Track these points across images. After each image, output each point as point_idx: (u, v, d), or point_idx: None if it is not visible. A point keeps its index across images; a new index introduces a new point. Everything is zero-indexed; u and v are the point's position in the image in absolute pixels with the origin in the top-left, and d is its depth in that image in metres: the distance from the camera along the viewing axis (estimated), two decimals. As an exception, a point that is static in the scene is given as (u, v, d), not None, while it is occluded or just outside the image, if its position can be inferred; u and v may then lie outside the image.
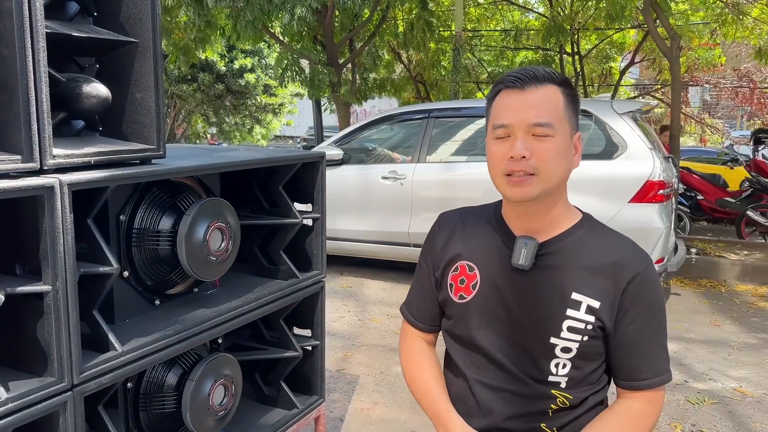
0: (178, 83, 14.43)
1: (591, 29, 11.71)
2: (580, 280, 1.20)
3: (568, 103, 1.19)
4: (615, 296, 1.19)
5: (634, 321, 1.19)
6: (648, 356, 1.20)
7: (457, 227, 1.38)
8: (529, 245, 1.22)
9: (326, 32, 8.12)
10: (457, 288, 1.33)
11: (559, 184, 1.20)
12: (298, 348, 2.34)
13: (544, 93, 1.17)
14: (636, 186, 4.42)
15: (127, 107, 1.72)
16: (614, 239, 1.25)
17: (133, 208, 1.84)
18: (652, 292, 1.21)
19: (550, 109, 1.16)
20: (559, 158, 1.18)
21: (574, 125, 1.22)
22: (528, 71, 1.18)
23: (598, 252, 1.22)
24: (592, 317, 1.19)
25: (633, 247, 1.24)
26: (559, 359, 1.23)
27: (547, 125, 1.16)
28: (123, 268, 1.84)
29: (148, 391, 1.94)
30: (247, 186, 2.33)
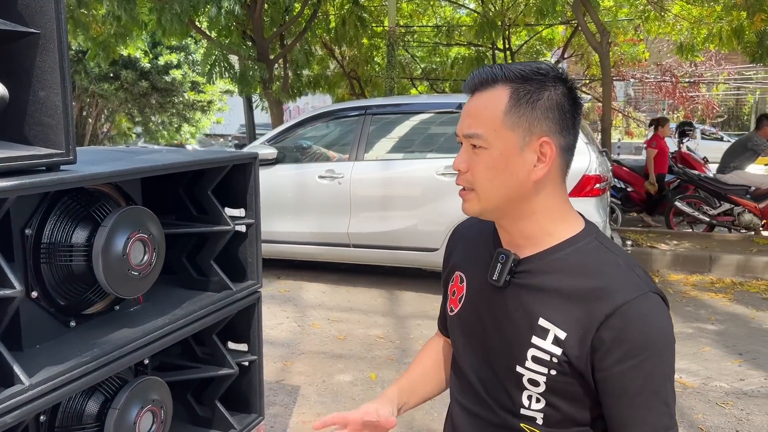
0: (99, 81, 13.76)
1: (522, 25, 11.86)
2: (551, 304, 1.03)
3: (514, 105, 1.01)
4: (587, 330, 0.99)
5: (620, 363, 0.97)
6: (639, 408, 0.98)
7: (463, 236, 1.28)
8: (504, 260, 1.08)
9: (256, 27, 7.87)
10: (450, 299, 1.23)
11: (505, 199, 1.04)
12: (233, 365, 2.17)
13: (487, 97, 1.03)
14: (573, 180, 4.44)
15: (30, 107, 1.52)
16: (607, 260, 1.04)
17: (41, 220, 1.64)
18: (642, 328, 0.97)
19: (485, 118, 1.02)
20: (492, 173, 1.02)
21: (531, 129, 1.01)
22: (481, 71, 1.05)
23: (580, 274, 1.03)
24: (559, 349, 1.01)
25: (627, 272, 1.02)
26: (529, 392, 1.07)
27: (476, 136, 1.02)
28: (30, 288, 1.63)
29: (65, 423, 1.74)
30: (172, 191, 2.14)
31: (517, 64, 1.04)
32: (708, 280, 5.57)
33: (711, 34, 9.32)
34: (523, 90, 1.01)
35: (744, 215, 7.02)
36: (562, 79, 1.03)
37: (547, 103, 1.01)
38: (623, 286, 0.99)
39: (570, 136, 1.04)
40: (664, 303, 1.02)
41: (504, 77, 1.02)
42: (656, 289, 1.02)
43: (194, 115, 16.42)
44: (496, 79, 1.02)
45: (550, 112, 1.01)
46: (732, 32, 8.26)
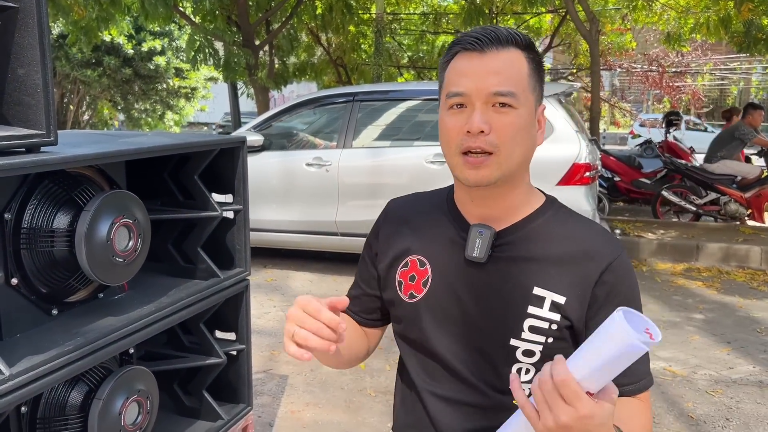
0: (81, 67, 13.50)
1: (509, 13, 11.81)
2: (543, 272, 1.04)
3: (533, 70, 1.02)
4: (585, 290, 1.02)
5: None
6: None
7: (407, 216, 1.20)
8: (484, 234, 1.05)
9: (241, 12, 7.76)
10: (407, 286, 1.15)
11: (521, 164, 1.04)
12: (221, 354, 2.12)
13: (507, 57, 1.00)
14: (563, 169, 4.42)
15: (8, 86, 1.45)
16: (582, 225, 1.10)
17: (21, 204, 1.58)
18: (629, 282, 1.04)
19: (514, 77, 0.99)
20: (521, 134, 1.01)
21: (539, 96, 1.05)
22: (489, 31, 1.01)
23: (564, 240, 1.06)
24: (557, 315, 1.03)
25: (604, 233, 1.09)
26: (521, 364, 1.06)
27: (510, 95, 0.99)
28: (10, 274, 1.57)
29: (47, 414, 1.68)
30: (158, 176, 2.08)
31: (500, 27, 1.03)
32: (695, 269, 5.59)
33: (698, 23, 9.32)
34: (535, 57, 1.03)
35: (730, 204, 7.06)
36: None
37: (543, 74, 1.06)
38: (606, 246, 1.05)
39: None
40: None
41: (515, 40, 1.02)
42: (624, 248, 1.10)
43: (178, 103, 16.22)
44: (509, 41, 1.01)
45: (543, 82, 1.06)
46: (719, 22, 8.27)
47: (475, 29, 1.02)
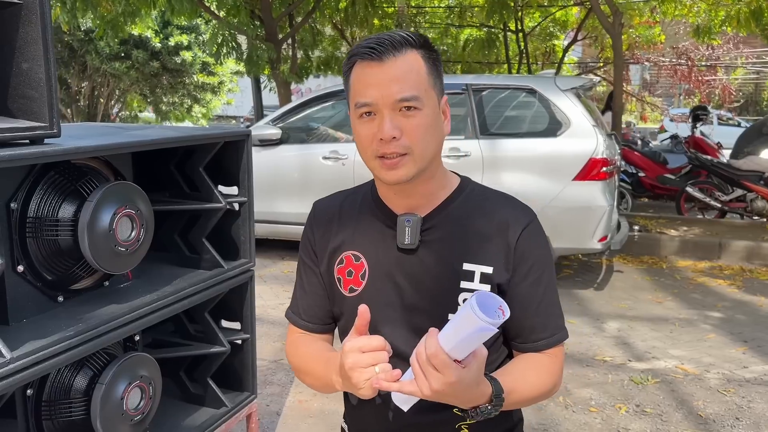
0: (110, 61, 13.76)
1: (535, 7, 11.69)
2: (469, 248, 1.13)
3: (431, 68, 1.08)
4: (507, 257, 1.12)
5: (526, 277, 1.12)
6: (543, 314, 1.13)
7: (334, 215, 1.25)
8: (411, 222, 1.12)
9: (264, 6, 7.81)
10: (346, 281, 1.20)
11: (434, 157, 1.11)
12: (225, 342, 2.17)
13: (405, 62, 1.04)
14: (579, 164, 4.38)
15: (13, 80, 1.51)
16: (496, 199, 1.18)
17: (27, 194, 1.63)
18: (539, 244, 1.14)
19: (414, 80, 1.05)
20: (430, 132, 1.08)
21: (440, 90, 1.11)
22: (383, 38, 1.05)
23: (482, 215, 1.14)
24: (488, 285, 1.11)
25: (515, 203, 1.18)
26: None
27: (413, 99, 1.04)
28: (17, 262, 1.63)
29: (53, 397, 1.74)
30: (165, 168, 2.13)
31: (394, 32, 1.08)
32: (717, 267, 5.50)
33: (729, 16, 9.13)
34: (429, 54, 1.08)
35: (757, 201, 6.91)
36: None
37: (441, 67, 1.12)
38: (520, 214, 1.14)
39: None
40: None
41: (409, 43, 1.06)
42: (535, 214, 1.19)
43: (205, 96, 16.40)
44: (403, 44, 1.05)
45: (441, 75, 1.12)
46: (750, 14, 8.08)
47: (370, 37, 1.06)
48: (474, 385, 0.94)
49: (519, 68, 12.14)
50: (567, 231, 4.46)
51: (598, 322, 4.04)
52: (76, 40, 13.82)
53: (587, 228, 4.40)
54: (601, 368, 3.31)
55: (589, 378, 3.19)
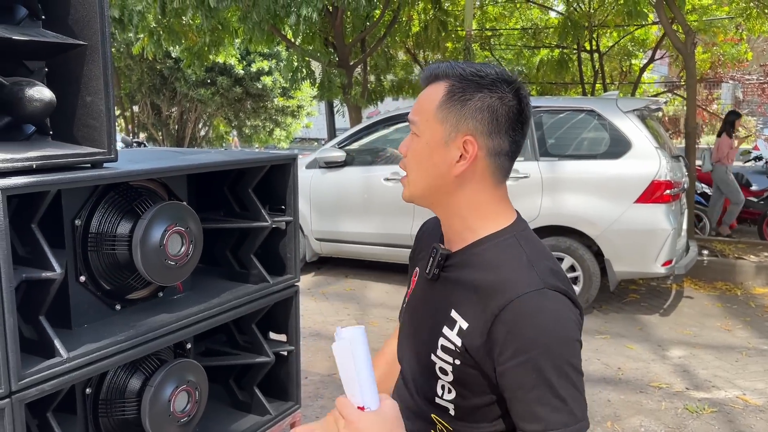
0: (196, 87, 14.58)
1: (611, 26, 11.50)
2: (462, 297, 1.07)
3: (448, 98, 1.06)
4: (485, 323, 1.01)
5: (513, 358, 0.97)
6: (533, 404, 0.96)
7: (424, 232, 1.32)
8: (434, 254, 1.13)
9: (337, 33, 8.10)
10: (407, 292, 1.29)
11: (428, 190, 1.09)
12: (270, 353, 2.30)
13: (430, 90, 1.09)
14: (641, 186, 4.31)
15: (78, 111, 1.70)
16: (512, 255, 1.06)
17: (89, 212, 1.82)
18: (533, 323, 0.97)
19: (422, 107, 1.08)
20: (417, 160, 1.09)
21: (454, 125, 1.06)
22: (431, 67, 1.10)
23: (490, 268, 1.06)
24: (459, 340, 1.05)
25: (525, 267, 1.03)
26: (442, 381, 1.10)
27: (413, 123, 1.09)
28: (79, 273, 1.82)
29: (109, 396, 1.91)
30: (219, 189, 2.30)
31: (466, 63, 1.07)
32: (798, 295, 5.22)
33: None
34: (458, 87, 1.06)
35: None
36: (508, 85, 1.05)
37: (478, 104, 1.04)
38: (518, 281, 1.00)
39: (502, 139, 1.06)
40: (568, 299, 1.01)
41: (446, 74, 1.06)
42: (556, 286, 1.01)
43: (285, 120, 17.03)
44: (440, 74, 1.07)
45: (479, 113, 1.04)
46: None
47: (429, 65, 1.11)
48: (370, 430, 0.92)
49: (593, 89, 11.93)
50: (629, 254, 4.38)
51: (659, 348, 3.93)
52: (166, 67, 14.73)
53: (650, 251, 4.31)
54: (655, 395, 3.24)
55: (642, 405, 3.13)
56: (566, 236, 4.57)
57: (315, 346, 3.88)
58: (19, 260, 1.57)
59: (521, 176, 4.62)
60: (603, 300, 4.90)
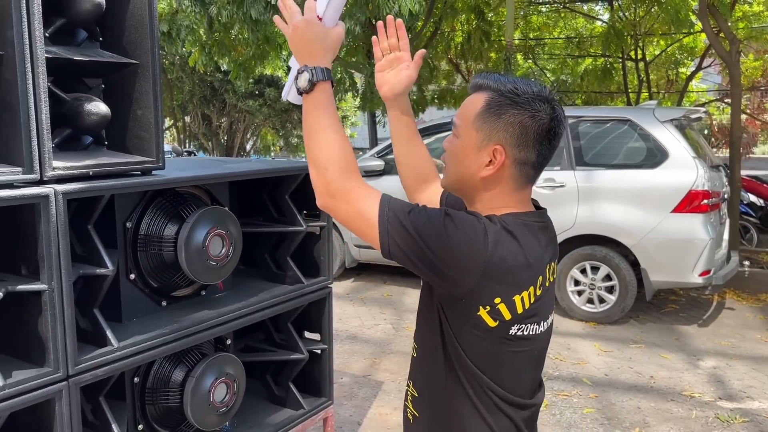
0: (245, 99, 15.00)
1: (657, 35, 11.36)
2: None
3: (486, 110, 1.16)
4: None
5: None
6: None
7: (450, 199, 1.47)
8: None
9: (380, 46, 8.26)
10: None
11: (459, 182, 1.23)
12: (304, 351, 2.44)
13: (473, 99, 1.19)
14: (678, 196, 4.30)
15: (130, 123, 1.88)
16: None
17: (140, 215, 1.99)
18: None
19: (463, 113, 1.20)
20: (454, 159, 1.21)
21: (488, 134, 1.16)
22: (478, 78, 1.21)
23: None
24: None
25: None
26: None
27: (454, 125, 1.22)
28: (129, 271, 1.99)
29: (155, 386, 2.08)
30: (259, 196, 2.46)
31: (509, 78, 1.17)
32: None
33: None
34: (495, 101, 1.15)
35: None
36: (544, 103, 1.15)
37: (511, 119, 1.14)
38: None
39: (529, 152, 1.16)
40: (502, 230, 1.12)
41: (488, 87, 1.17)
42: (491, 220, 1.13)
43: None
44: (483, 86, 1.18)
45: (511, 127, 1.14)
46: None
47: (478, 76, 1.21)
48: (316, 42, 1.17)
49: (638, 98, 11.78)
50: (665, 264, 4.37)
51: (693, 358, 3.92)
52: (216, 79, 15.20)
53: (687, 261, 4.29)
54: (686, 404, 3.24)
55: (672, 413, 3.14)
56: (602, 245, 4.59)
57: (351, 348, 4.01)
58: (77, 258, 1.74)
59: (557, 185, 4.67)
60: (641, 310, 4.89)
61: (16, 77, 1.52)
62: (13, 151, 1.55)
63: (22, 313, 1.61)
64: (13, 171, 1.53)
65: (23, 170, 1.54)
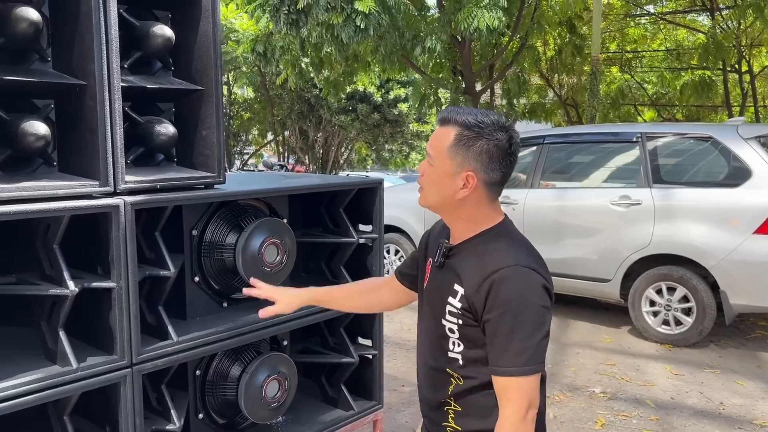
0: (338, 114, 15.52)
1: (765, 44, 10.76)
2: (461, 275, 1.41)
3: (456, 143, 1.37)
4: (479, 290, 1.35)
5: (490, 312, 1.33)
6: (500, 347, 1.32)
7: (432, 231, 1.66)
8: (440, 247, 1.49)
9: (465, 62, 8.38)
10: (424, 276, 1.60)
11: (439, 203, 1.43)
12: (355, 355, 2.58)
13: (443, 131, 1.41)
14: (762, 216, 4.12)
15: (195, 143, 2.11)
16: (497, 246, 1.39)
17: (204, 224, 2.22)
18: (506, 290, 1.32)
19: (436, 145, 1.40)
20: (431, 184, 1.42)
21: (461, 163, 1.37)
22: (444, 112, 1.41)
23: (479, 255, 1.40)
24: (463, 303, 1.39)
25: (506, 251, 1.37)
26: (452, 338, 1.44)
27: (428, 155, 1.42)
28: (194, 274, 2.21)
29: (214, 379, 2.29)
30: (317, 209, 2.64)
31: (472, 111, 1.37)
32: None
33: None
34: (464, 135, 1.38)
35: None
36: (503, 131, 1.37)
37: (478, 149, 1.37)
38: (500, 260, 1.36)
39: (495, 173, 1.38)
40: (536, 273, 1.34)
41: (455, 121, 1.39)
42: (527, 264, 1.34)
43: (421, 144, 17.58)
44: (450, 120, 1.40)
45: (480, 156, 1.37)
46: None
47: (444, 110, 1.42)
48: None
49: (741, 111, 11.17)
50: (747, 287, 4.18)
51: (773, 387, 3.74)
52: (312, 96, 15.83)
53: (770, 285, 4.09)
54: (755, 432, 3.12)
55: (737, 440, 3.03)
56: (679, 265, 4.44)
57: (406, 356, 4.12)
58: (145, 260, 1.98)
59: (633, 203, 4.57)
60: (723, 334, 4.68)
61: (96, 104, 1.77)
62: (93, 167, 1.80)
63: (96, 306, 1.85)
64: (92, 184, 1.78)
65: (100, 183, 1.79)
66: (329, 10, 6.37)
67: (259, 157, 22.55)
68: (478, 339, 1.39)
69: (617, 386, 3.73)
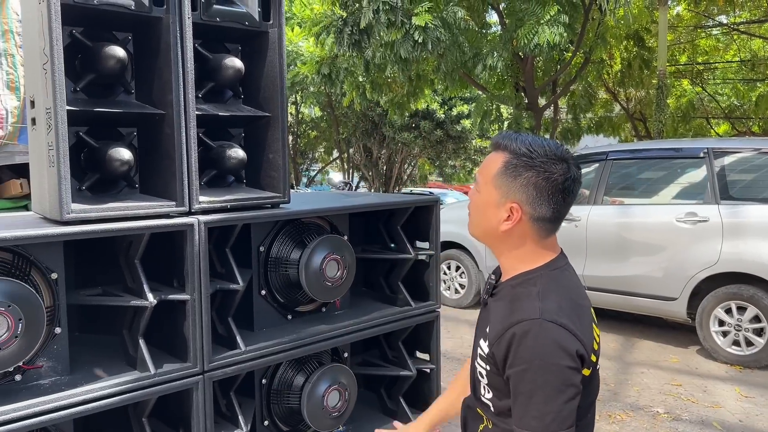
0: (401, 131, 15.71)
1: None
2: (492, 319, 1.33)
3: (503, 171, 1.29)
4: (500, 341, 1.26)
5: (511, 367, 1.24)
6: (520, 406, 1.23)
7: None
8: (487, 284, 1.44)
9: (527, 78, 8.38)
10: None
11: (483, 235, 1.37)
12: (412, 368, 2.66)
13: (493, 158, 1.33)
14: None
15: (263, 165, 2.26)
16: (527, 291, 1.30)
17: (271, 241, 2.36)
18: (527, 346, 1.21)
19: (484, 172, 1.34)
20: (476, 212, 1.37)
21: (506, 193, 1.29)
22: (497, 138, 1.35)
23: (512, 297, 1.32)
24: (488, 349, 1.31)
25: (532, 301, 1.27)
26: (483, 382, 1.37)
27: (475, 182, 1.37)
28: (260, 287, 2.36)
29: (279, 388, 2.42)
30: (376, 226, 2.75)
31: (526, 139, 1.30)
32: None
33: None
34: (512, 164, 1.29)
35: None
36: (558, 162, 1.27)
37: (525, 181, 1.28)
38: (523, 312, 1.26)
39: (543, 208, 1.28)
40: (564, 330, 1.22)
41: (506, 147, 1.32)
42: (553, 318, 1.23)
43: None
44: (501, 146, 1.33)
45: (526, 188, 1.28)
46: None
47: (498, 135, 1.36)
48: None
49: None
50: (823, 307, 4.02)
51: None
52: (376, 114, 16.09)
53: None
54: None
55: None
56: (750, 284, 4.29)
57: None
58: (216, 275, 2.13)
59: (700, 220, 4.47)
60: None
61: (173, 131, 1.94)
62: (170, 189, 1.97)
63: (171, 317, 2.00)
64: (169, 204, 1.95)
65: (176, 203, 1.95)
66: (390, 26, 6.49)
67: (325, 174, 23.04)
68: (505, 389, 1.29)
69: (682, 407, 3.65)
